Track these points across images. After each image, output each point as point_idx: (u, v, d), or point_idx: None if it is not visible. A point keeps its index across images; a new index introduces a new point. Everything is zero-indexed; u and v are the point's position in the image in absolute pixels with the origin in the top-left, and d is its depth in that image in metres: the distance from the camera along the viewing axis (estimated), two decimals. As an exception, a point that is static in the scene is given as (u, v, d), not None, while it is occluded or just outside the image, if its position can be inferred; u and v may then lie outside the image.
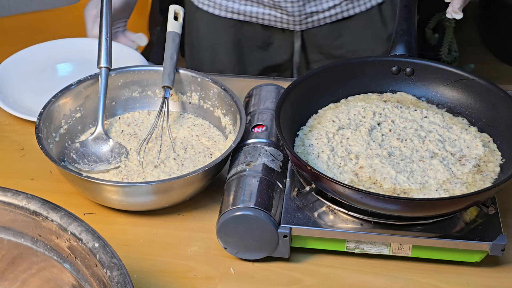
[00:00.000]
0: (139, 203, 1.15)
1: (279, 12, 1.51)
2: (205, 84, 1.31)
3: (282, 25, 1.54)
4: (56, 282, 0.92)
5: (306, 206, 1.10)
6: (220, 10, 1.54)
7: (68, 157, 1.22)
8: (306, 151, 1.13)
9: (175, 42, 1.32)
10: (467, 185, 1.07)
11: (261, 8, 1.52)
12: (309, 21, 1.53)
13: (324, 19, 1.53)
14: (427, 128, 1.18)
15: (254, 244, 1.08)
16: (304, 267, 1.10)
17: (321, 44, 1.58)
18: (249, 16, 1.54)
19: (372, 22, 1.56)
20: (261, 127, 1.21)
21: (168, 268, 1.10)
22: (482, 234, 1.06)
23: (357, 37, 1.57)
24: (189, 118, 1.33)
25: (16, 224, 0.92)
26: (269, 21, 1.54)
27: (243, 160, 1.15)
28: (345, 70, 1.25)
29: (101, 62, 1.29)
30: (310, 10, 1.51)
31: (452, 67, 1.23)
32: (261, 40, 1.58)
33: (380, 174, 1.08)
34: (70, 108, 1.28)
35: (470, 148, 1.14)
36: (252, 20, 1.55)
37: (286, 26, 1.54)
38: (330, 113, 1.21)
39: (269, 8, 1.51)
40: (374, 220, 1.06)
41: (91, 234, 0.86)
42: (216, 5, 1.54)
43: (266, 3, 1.50)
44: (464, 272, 1.09)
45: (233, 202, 1.07)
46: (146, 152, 1.24)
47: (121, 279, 0.81)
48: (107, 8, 1.32)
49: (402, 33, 1.26)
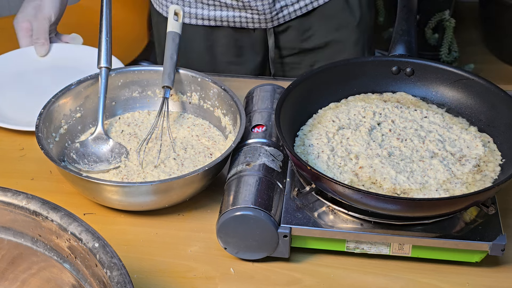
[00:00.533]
0: (139, 203, 1.15)
1: (249, 13, 1.52)
2: (205, 84, 1.31)
3: (254, 25, 1.55)
4: (56, 282, 0.92)
5: (306, 206, 1.10)
6: (190, 18, 1.54)
7: (68, 157, 1.22)
8: (306, 151, 1.13)
9: (175, 42, 1.32)
10: (467, 185, 1.08)
11: (230, 12, 1.52)
12: (280, 16, 1.54)
13: (295, 12, 1.54)
14: (427, 128, 1.18)
15: (254, 244, 1.08)
16: (304, 267, 1.10)
17: (293, 38, 1.59)
18: (220, 21, 1.54)
19: (338, 11, 1.57)
20: (261, 127, 1.21)
21: (168, 268, 1.10)
22: (482, 234, 1.06)
23: (327, 28, 1.58)
24: (189, 118, 1.33)
25: (16, 224, 0.92)
26: (240, 23, 1.54)
27: (243, 160, 1.15)
28: (345, 70, 1.25)
29: (101, 62, 1.29)
30: (279, 5, 1.52)
31: (452, 67, 1.23)
32: (233, 43, 1.58)
33: (380, 174, 1.08)
34: (70, 108, 1.28)
35: (470, 148, 1.14)
36: (223, 24, 1.55)
37: (258, 25, 1.55)
38: (330, 113, 1.21)
39: (238, 11, 1.52)
40: (374, 220, 1.06)
41: (91, 234, 0.86)
42: (185, 13, 1.54)
43: (236, 6, 1.50)
44: (464, 272, 1.09)
45: (233, 202, 1.07)
46: (146, 152, 1.24)
47: (121, 279, 0.81)
48: (107, 8, 1.32)
49: (402, 33, 1.26)
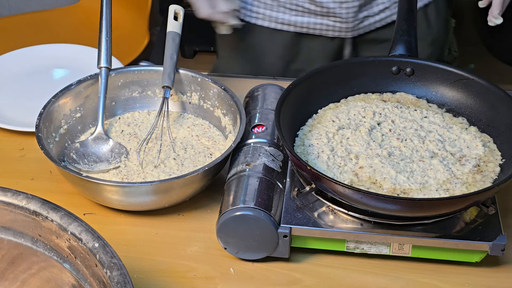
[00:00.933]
0: (139, 203, 1.15)
1: (332, 20, 1.48)
2: (205, 84, 1.31)
3: (333, 34, 1.51)
4: (56, 282, 0.92)
5: (306, 206, 1.10)
6: (270, 21, 1.51)
7: (68, 157, 1.22)
8: (306, 151, 1.13)
9: (175, 42, 1.32)
10: (467, 185, 1.07)
11: (312, 18, 1.49)
12: (360, 26, 1.50)
13: (375, 24, 1.51)
14: (427, 128, 1.18)
15: (254, 244, 1.08)
16: (304, 267, 1.10)
17: (368, 49, 1.55)
18: (300, 27, 1.51)
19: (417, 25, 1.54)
20: (261, 127, 1.21)
21: (168, 268, 1.10)
22: (482, 234, 1.06)
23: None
24: (189, 118, 1.33)
25: (16, 224, 0.92)
26: (320, 31, 1.51)
27: (243, 160, 1.15)
28: (345, 70, 1.25)
29: (101, 62, 1.29)
30: (363, 15, 1.48)
31: (452, 67, 1.23)
32: (307, 50, 1.55)
33: (380, 174, 1.08)
34: (70, 108, 1.28)
35: (470, 148, 1.14)
36: (302, 30, 1.52)
37: (338, 34, 1.51)
38: (330, 113, 1.21)
39: (321, 17, 1.48)
40: (374, 220, 1.06)
41: (91, 234, 0.86)
42: (266, 16, 1.51)
43: (319, 12, 1.47)
44: (464, 272, 1.09)
45: (233, 202, 1.07)
46: (146, 152, 1.24)
47: (121, 279, 0.81)
48: (107, 8, 1.31)
49: (402, 33, 1.25)
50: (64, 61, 1.51)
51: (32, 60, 1.51)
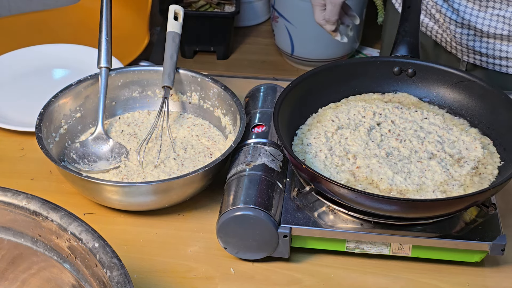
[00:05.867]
0: (139, 203, 1.15)
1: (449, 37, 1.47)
2: (205, 84, 1.31)
3: (451, 50, 1.50)
4: (56, 282, 0.92)
5: (306, 206, 1.10)
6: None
7: (68, 157, 1.22)
8: (304, 150, 1.13)
9: (175, 42, 1.32)
10: (464, 187, 1.07)
11: (436, 25, 1.49)
12: (476, 58, 1.46)
13: (487, 65, 1.46)
14: (427, 129, 1.17)
15: (254, 244, 1.08)
16: (304, 267, 1.10)
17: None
18: (425, 28, 1.51)
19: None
20: (261, 127, 1.21)
21: (168, 268, 1.10)
22: (482, 234, 1.06)
23: None
24: (189, 118, 1.33)
25: (16, 224, 0.92)
26: (441, 40, 1.50)
27: (243, 160, 1.15)
28: (346, 71, 1.25)
29: (101, 62, 1.29)
30: (480, 50, 1.44)
31: (453, 69, 1.23)
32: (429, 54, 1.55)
33: (377, 175, 1.08)
34: (70, 108, 1.28)
35: (469, 150, 1.14)
36: (426, 33, 1.52)
37: (455, 52, 1.49)
38: (330, 113, 1.21)
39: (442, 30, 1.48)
40: (374, 220, 1.06)
41: (91, 234, 0.86)
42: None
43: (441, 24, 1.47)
44: (464, 272, 1.09)
45: (233, 202, 1.07)
46: (146, 152, 1.24)
47: (121, 279, 0.81)
48: (107, 8, 1.32)
49: (405, 34, 1.25)
50: (64, 61, 1.51)
51: (32, 60, 1.51)
